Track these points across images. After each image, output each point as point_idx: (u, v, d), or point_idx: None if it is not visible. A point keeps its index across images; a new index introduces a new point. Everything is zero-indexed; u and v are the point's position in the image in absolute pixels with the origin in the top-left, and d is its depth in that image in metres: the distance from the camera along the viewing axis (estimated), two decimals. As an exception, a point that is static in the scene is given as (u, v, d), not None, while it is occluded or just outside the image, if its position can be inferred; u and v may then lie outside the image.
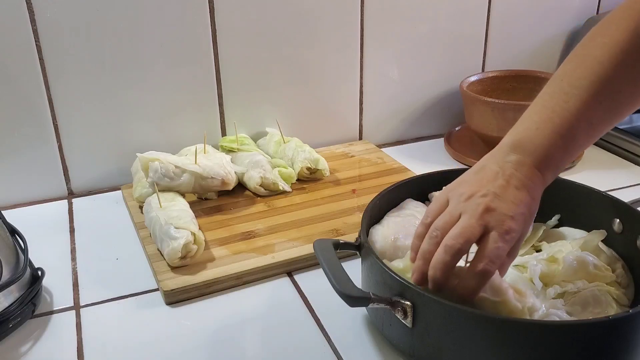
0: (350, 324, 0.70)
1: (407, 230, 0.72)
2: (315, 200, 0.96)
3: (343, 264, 0.62)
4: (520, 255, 0.73)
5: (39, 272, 0.76)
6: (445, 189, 0.64)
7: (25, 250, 0.75)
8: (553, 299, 0.65)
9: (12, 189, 0.98)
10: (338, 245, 0.67)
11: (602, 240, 0.71)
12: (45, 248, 0.84)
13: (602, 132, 0.63)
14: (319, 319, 0.71)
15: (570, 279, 0.67)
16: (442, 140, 1.20)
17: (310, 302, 0.74)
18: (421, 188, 0.80)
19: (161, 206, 0.84)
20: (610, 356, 0.56)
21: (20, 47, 0.91)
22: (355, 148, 1.16)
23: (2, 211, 0.79)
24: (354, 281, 0.61)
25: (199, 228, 0.82)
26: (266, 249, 0.82)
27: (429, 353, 0.60)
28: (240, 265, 0.78)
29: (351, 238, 0.71)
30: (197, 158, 0.91)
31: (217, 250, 0.82)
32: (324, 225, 0.88)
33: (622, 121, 0.65)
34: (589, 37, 0.63)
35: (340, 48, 1.11)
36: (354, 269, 0.67)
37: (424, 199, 0.80)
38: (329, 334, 0.69)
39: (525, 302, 0.61)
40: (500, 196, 0.58)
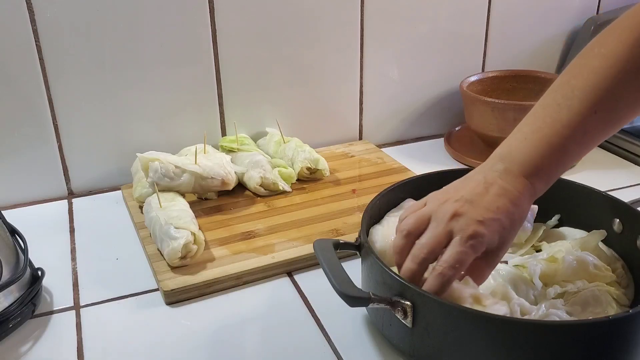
0: (350, 324, 0.70)
1: (407, 230, 0.72)
2: (315, 200, 0.96)
3: (343, 264, 0.62)
4: (520, 255, 0.73)
5: (39, 272, 0.76)
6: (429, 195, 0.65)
7: (25, 250, 0.75)
8: (553, 299, 0.65)
9: (12, 189, 0.98)
10: (338, 245, 0.67)
11: (602, 240, 0.72)
12: (45, 248, 0.84)
13: (599, 142, 0.63)
14: (319, 319, 0.71)
15: (570, 279, 0.67)
16: (442, 140, 1.20)
17: (310, 302, 0.74)
18: (421, 188, 0.79)
19: (161, 206, 0.84)
20: (610, 356, 0.56)
21: (20, 47, 0.91)
22: (355, 148, 1.15)
23: (2, 211, 0.79)
24: (354, 281, 0.61)
25: (199, 228, 0.82)
26: (266, 249, 0.82)
27: (429, 353, 0.60)
28: (240, 265, 0.78)
29: (351, 238, 0.71)
30: (197, 158, 0.91)
31: (217, 250, 0.82)
32: (324, 225, 0.88)
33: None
34: (588, 47, 0.63)
35: (340, 48, 1.11)
36: (354, 269, 0.67)
37: (424, 199, 0.80)
38: (329, 334, 0.69)
39: (484, 309, 0.59)
40: (473, 202, 0.59)
